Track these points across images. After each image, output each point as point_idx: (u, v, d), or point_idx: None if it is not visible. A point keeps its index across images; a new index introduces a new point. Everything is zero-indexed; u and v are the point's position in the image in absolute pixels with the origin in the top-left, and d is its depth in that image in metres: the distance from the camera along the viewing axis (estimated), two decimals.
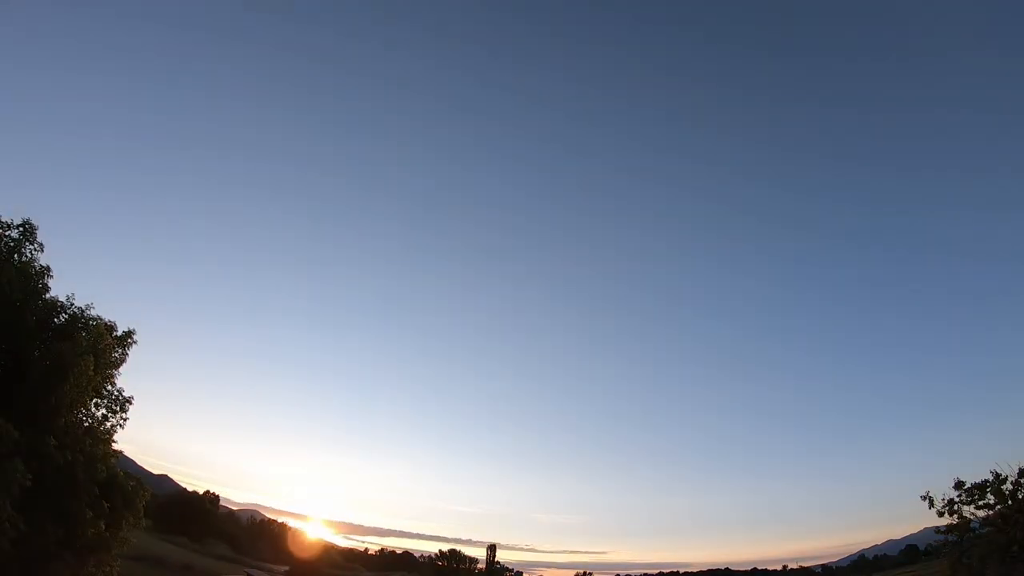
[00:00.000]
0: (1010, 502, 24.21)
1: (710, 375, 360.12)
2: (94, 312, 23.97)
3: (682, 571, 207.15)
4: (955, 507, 25.50)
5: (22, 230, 22.91)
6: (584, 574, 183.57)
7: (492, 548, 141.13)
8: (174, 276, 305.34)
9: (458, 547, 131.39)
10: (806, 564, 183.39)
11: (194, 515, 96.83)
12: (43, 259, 23.35)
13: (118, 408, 24.69)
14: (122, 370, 24.94)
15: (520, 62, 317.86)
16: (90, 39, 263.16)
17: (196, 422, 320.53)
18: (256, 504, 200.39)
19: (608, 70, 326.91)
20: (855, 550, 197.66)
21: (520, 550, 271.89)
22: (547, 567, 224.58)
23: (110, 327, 24.17)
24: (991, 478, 24.94)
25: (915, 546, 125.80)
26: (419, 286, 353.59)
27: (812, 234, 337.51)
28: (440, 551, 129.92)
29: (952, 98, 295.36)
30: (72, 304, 23.80)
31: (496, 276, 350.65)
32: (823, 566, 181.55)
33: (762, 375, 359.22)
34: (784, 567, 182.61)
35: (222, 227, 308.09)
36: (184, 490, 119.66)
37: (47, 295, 23.31)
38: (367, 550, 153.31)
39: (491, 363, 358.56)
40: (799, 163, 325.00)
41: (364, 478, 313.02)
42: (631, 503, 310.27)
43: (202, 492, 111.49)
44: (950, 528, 25.58)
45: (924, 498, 26.12)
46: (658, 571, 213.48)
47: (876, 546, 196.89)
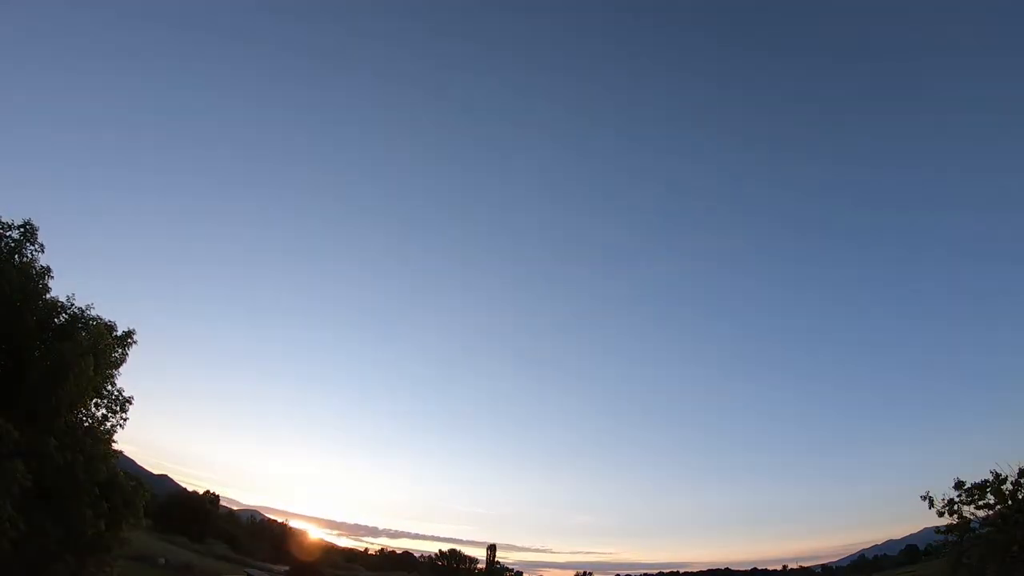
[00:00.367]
0: (1010, 502, 24.17)
1: (710, 375, 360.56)
2: (94, 312, 23.99)
3: (682, 571, 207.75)
4: (955, 507, 25.44)
5: (23, 230, 22.87)
6: (584, 574, 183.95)
7: (492, 548, 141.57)
8: (174, 276, 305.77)
9: (458, 547, 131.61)
10: (806, 564, 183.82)
11: (194, 515, 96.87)
12: (43, 259, 23.35)
13: (118, 408, 24.69)
14: (122, 370, 24.97)
15: (518, 60, 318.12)
16: (90, 39, 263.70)
17: (196, 422, 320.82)
18: (256, 504, 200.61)
19: (607, 69, 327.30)
20: (855, 550, 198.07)
21: (520, 550, 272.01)
22: (547, 567, 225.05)
23: (110, 327, 24.16)
24: (991, 478, 24.89)
25: (915, 546, 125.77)
26: (420, 286, 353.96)
27: (812, 234, 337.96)
28: (440, 551, 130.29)
29: (952, 98, 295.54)
30: (72, 304, 23.80)
31: (497, 276, 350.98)
32: (823, 566, 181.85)
33: (762, 375, 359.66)
34: (784, 567, 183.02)
35: (222, 227, 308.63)
36: (184, 490, 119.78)
37: (47, 295, 23.29)
38: (367, 550, 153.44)
39: (492, 363, 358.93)
40: (800, 163, 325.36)
41: (364, 478, 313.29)
42: (631, 503, 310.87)
43: (202, 492, 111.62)
44: (950, 528, 25.53)
45: (924, 498, 26.06)
46: (658, 571, 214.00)
47: (876, 546, 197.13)
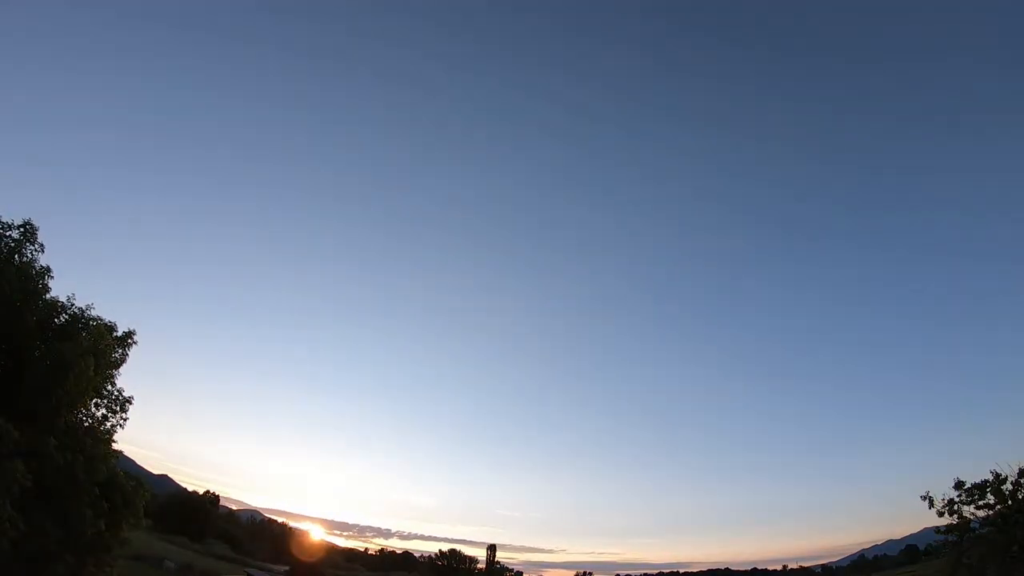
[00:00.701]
0: (1010, 502, 24.18)
1: (710, 375, 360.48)
2: (94, 312, 24.08)
3: (682, 571, 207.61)
4: (955, 507, 25.45)
5: (22, 230, 22.91)
6: (584, 574, 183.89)
7: (492, 548, 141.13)
8: (174, 276, 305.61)
9: (458, 547, 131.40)
10: (806, 564, 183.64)
11: (194, 515, 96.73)
12: (43, 259, 23.43)
13: (118, 408, 24.73)
14: (122, 370, 25.02)
15: (518, 60, 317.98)
16: (90, 39, 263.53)
17: (196, 422, 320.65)
18: (256, 504, 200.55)
19: (608, 68, 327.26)
20: (855, 550, 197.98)
21: (520, 550, 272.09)
22: (548, 567, 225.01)
23: (110, 327, 24.19)
24: (991, 478, 24.90)
25: (915, 546, 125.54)
26: (420, 285, 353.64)
27: (812, 234, 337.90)
28: (440, 551, 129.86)
29: (952, 98, 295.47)
30: (72, 304, 23.86)
31: (497, 275, 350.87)
32: (823, 566, 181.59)
33: (762, 375, 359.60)
34: (784, 567, 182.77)
35: (222, 227, 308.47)
36: (184, 490, 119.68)
37: (47, 295, 23.33)
38: (367, 550, 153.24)
39: (492, 363, 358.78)
40: (800, 163, 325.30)
41: (365, 478, 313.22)
42: (631, 503, 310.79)
43: (202, 492, 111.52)
44: (950, 528, 25.53)
45: (924, 498, 26.06)
46: (658, 571, 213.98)
47: (876, 546, 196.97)
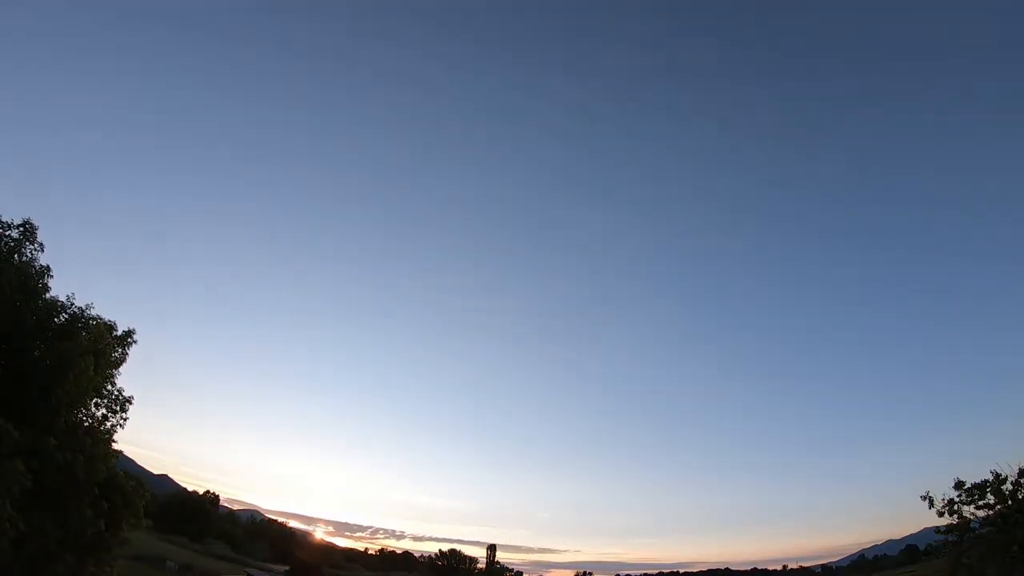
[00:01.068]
0: (1010, 502, 24.18)
1: (711, 375, 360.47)
2: (94, 312, 24.07)
3: (682, 571, 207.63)
4: (955, 507, 25.45)
5: (22, 230, 22.91)
6: (584, 574, 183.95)
7: (492, 548, 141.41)
8: (174, 276, 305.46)
9: (458, 547, 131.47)
10: (806, 564, 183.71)
11: (194, 515, 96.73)
12: (43, 259, 23.44)
13: (118, 408, 24.73)
14: (122, 370, 25.02)
15: (523, 58, 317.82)
16: (90, 39, 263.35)
17: (196, 422, 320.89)
18: (256, 504, 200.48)
19: (608, 68, 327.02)
20: (855, 550, 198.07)
21: (520, 550, 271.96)
22: (548, 567, 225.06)
23: (110, 327, 24.18)
24: (991, 478, 24.90)
25: (915, 546, 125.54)
26: (419, 285, 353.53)
27: (813, 234, 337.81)
28: (440, 551, 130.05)
29: (951, 99, 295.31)
30: (72, 304, 23.85)
31: (497, 275, 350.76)
32: (823, 566, 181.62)
33: (762, 375, 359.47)
34: (784, 567, 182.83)
35: (222, 227, 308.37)
36: (184, 490, 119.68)
37: (47, 295, 23.31)
38: (367, 550, 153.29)
39: (493, 363, 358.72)
40: (801, 163, 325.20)
41: (364, 478, 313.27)
42: (632, 503, 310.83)
43: (202, 492, 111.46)
44: (950, 528, 25.53)
45: (924, 498, 26.06)
46: (658, 571, 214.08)
47: (876, 546, 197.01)
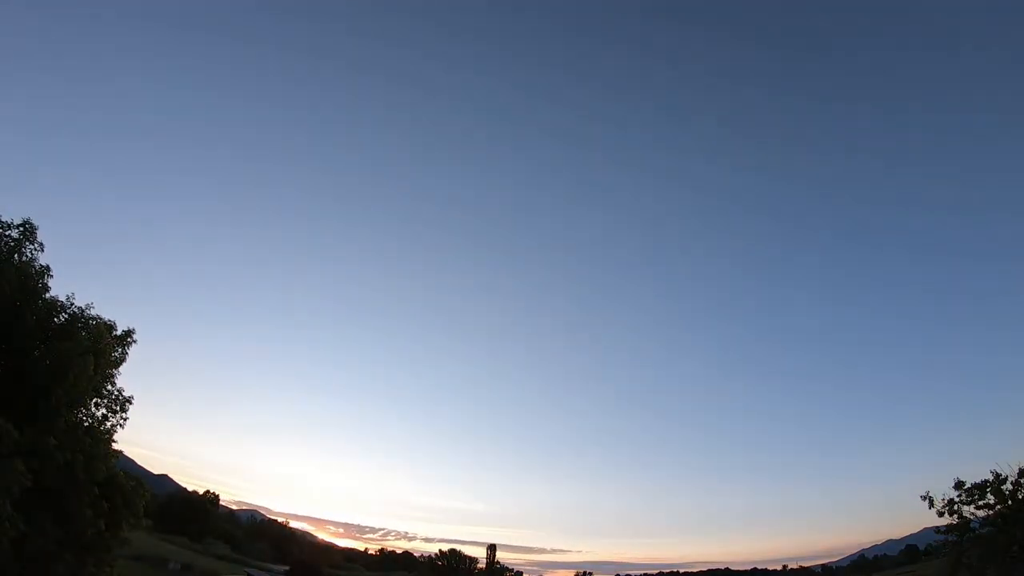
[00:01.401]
0: (1010, 502, 24.22)
1: (711, 375, 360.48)
2: (94, 312, 24.03)
3: (682, 571, 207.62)
4: (955, 507, 25.51)
5: (22, 230, 22.90)
6: (584, 574, 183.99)
7: (492, 548, 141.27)
8: (174, 276, 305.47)
9: (458, 547, 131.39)
10: (806, 564, 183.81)
11: (194, 515, 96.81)
12: (43, 259, 23.42)
13: (118, 408, 24.70)
14: (122, 370, 24.99)
15: (523, 58, 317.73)
16: (90, 39, 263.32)
17: (196, 422, 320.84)
18: (256, 504, 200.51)
19: (608, 67, 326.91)
20: (855, 550, 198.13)
21: (520, 550, 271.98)
22: (548, 566, 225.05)
23: (110, 327, 24.17)
24: (991, 478, 24.94)
25: (915, 546, 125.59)
26: (419, 285, 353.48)
27: (813, 235, 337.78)
28: (440, 551, 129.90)
29: (951, 99, 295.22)
30: (72, 304, 23.83)
31: (497, 275, 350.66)
32: (823, 566, 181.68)
33: (762, 375, 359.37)
34: (784, 567, 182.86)
35: (222, 227, 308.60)
36: (184, 490, 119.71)
37: (47, 295, 23.30)
38: (367, 550, 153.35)
39: (493, 363, 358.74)
40: (801, 163, 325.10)
41: (365, 478, 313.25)
42: (632, 502, 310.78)
43: (202, 492, 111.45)
44: (950, 528, 25.59)
45: (924, 498, 26.13)
46: (658, 571, 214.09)
47: (876, 546, 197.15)
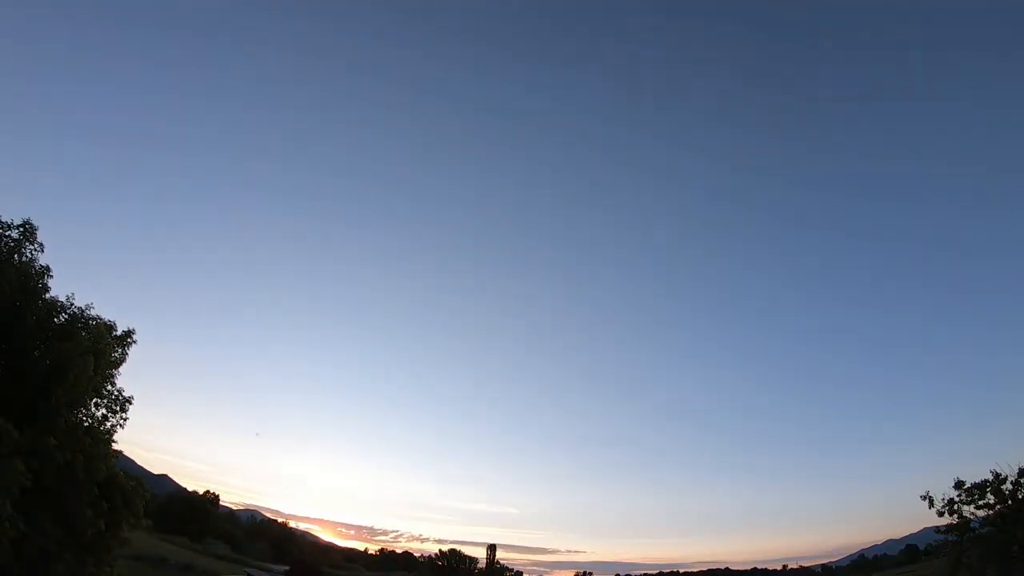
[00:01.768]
0: (1010, 502, 24.25)
1: (711, 375, 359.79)
2: (94, 312, 24.08)
3: (682, 571, 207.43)
4: (955, 507, 25.55)
5: (22, 230, 22.94)
6: (584, 574, 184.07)
7: (492, 548, 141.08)
8: (174, 276, 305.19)
9: (458, 547, 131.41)
10: (806, 564, 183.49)
11: (194, 515, 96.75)
12: (43, 259, 23.46)
13: (118, 408, 24.74)
14: (122, 370, 25.02)
15: (523, 58, 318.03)
16: (91, 40, 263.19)
17: (196, 422, 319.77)
18: (256, 504, 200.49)
19: (608, 65, 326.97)
20: (855, 550, 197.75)
21: (520, 550, 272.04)
22: (548, 567, 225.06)
23: (110, 327, 24.20)
24: (991, 478, 24.97)
25: (915, 546, 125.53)
26: (420, 285, 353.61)
27: (814, 234, 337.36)
28: (440, 551, 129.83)
29: (951, 97, 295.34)
30: (72, 304, 23.87)
31: (497, 274, 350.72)
32: (823, 566, 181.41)
33: (762, 374, 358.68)
34: (784, 567, 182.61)
35: (222, 227, 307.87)
36: (184, 490, 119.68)
37: (47, 295, 23.33)
38: (367, 550, 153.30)
39: (493, 363, 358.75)
40: (801, 163, 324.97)
41: (365, 478, 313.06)
42: (632, 502, 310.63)
43: (202, 492, 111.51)
44: (950, 528, 25.63)
45: (924, 498, 26.18)
46: (659, 571, 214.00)
47: (876, 546, 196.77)
